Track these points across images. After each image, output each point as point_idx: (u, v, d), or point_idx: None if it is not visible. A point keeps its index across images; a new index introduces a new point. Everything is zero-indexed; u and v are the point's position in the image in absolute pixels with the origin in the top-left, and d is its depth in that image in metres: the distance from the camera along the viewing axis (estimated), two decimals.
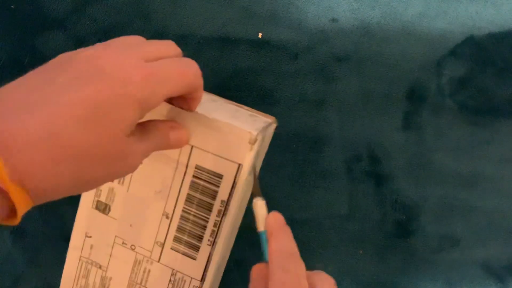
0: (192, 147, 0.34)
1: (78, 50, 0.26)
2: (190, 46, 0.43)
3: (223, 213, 0.34)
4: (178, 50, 0.31)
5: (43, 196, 0.23)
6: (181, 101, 0.32)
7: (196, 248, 0.36)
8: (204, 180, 0.34)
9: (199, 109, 0.33)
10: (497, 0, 0.42)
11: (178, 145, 0.32)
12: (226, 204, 0.34)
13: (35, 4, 0.43)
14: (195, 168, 0.34)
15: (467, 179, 0.43)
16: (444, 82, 0.43)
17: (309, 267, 0.43)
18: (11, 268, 0.46)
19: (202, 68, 0.43)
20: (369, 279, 0.43)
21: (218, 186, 0.34)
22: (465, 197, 0.43)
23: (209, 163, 0.34)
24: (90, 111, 0.23)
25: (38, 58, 0.43)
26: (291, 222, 0.43)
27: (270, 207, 0.43)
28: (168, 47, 0.30)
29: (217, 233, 0.35)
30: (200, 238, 0.36)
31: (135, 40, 0.29)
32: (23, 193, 0.22)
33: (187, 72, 0.29)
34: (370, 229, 0.43)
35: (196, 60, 0.43)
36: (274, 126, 0.38)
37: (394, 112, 0.42)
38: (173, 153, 0.34)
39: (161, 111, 0.33)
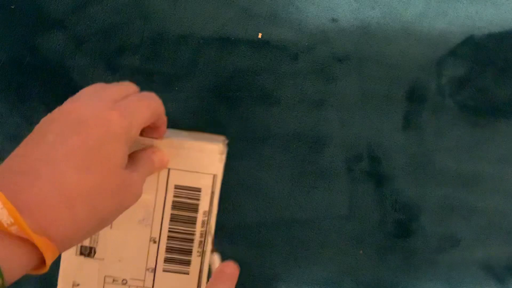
0: (169, 170, 0.37)
1: (55, 111, 0.30)
2: (190, 46, 0.43)
3: (207, 222, 0.37)
4: (136, 87, 0.35)
5: (67, 241, 0.26)
6: (149, 131, 0.36)
7: (187, 263, 0.37)
8: (185, 197, 0.37)
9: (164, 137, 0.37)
10: (497, 0, 0.42)
11: (161, 166, 0.36)
12: (209, 213, 0.37)
13: (35, 4, 0.43)
14: (175, 188, 0.37)
15: (467, 179, 0.43)
16: (444, 82, 0.43)
17: (309, 267, 0.43)
18: None
19: (202, 68, 0.43)
20: (369, 279, 0.43)
21: (198, 199, 0.37)
22: (465, 197, 0.43)
23: (187, 181, 0.37)
24: (85, 157, 0.27)
25: (38, 58, 0.43)
26: (291, 222, 0.43)
27: (270, 207, 0.43)
28: (128, 86, 0.34)
29: (204, 242, 0.37)
30: (189, 252, 0.37)
31: (99, 87, 0.32)
32: (49, 242, 0.24)
33: (152, 103, 0.33)
34: (370, 229, 0.43)
35: (196, 60, 0.43)
36: (226, 143, 0.41)
37: (394, 112, 0.42)
38: (151, 180, 0.36)
39: (137, 144, 0.36)
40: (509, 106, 0.43)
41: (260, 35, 0.42)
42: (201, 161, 0.37)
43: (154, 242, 0.37)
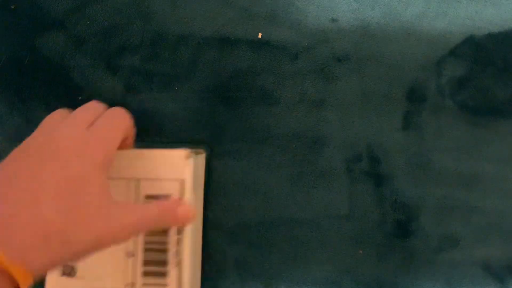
0: (139, 180, 0.36)
1: (30, 141, 0.30)
2: (190, 46, 0.43)
3: (181, 230, 0.36)
4: (103, 105, 0.35)
5: (41, 269, 0.26)
6: (121, 144, 0.35)
7: (165, 274, 0.36)
8: None
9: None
10: (497, 0, 0.42)
11: (185, 221, 0.34)
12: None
13: (35, 4, 0.43)
14: (145, 198, 0.36)
15: (467, 179, 0.43)
16: (444, 82, 0.43)
17: (309, 267, 0.43)
18: None
19: (202, 68, 0.43)
20: (369, 279, 0.43)
21: None
22: (465, 197, 0.43)
23: (156, 189, 0.36)
24: (64, 190, 0.26)
25: (38, 58, 0.43)
26: (291, 222, 0.43)
27: (270, 207, 0.43)
28: (96, 108, 0.34)
29: (180, 252, 0.36)
30: (165, 263, 0.36)
31: (65, 114, 0.32)
32: (23, 270, 0.24)
33: (122, 121, 0.33)
34: (370, 229, 0.43)
35: (196, 61, 0.43)
36: (204, 155, 0.41)
37: (394, 112, 0.43)
38: (122, 192, 0.36)
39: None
40: (509, 106, 0.43)
41: (260, 35, 0.42)
42: (168, 168, 0.36)
43: (130, 256, 0.36)
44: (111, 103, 0.43)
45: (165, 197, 0.36)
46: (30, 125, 0.43)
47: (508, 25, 0.43)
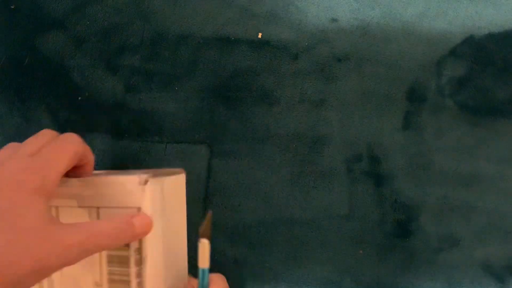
0: (98, 208, 0.34)
1: None
2: (190, 46, 0.43)
3: (141, 261, 0.34)
4: (53, 133, 0.33)
5: None
6: (77, 171, 0.34)
7: None
8: None
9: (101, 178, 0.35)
10: (497, 0, 0.42)
11: (143, 231, 0.32)
12: (141, 250, 0.34)
13: (35, 4, 0.43)
14: None
15: (467, 179, 0.43)
16: (444, 82, 0.43)
17: (309, 267, 0.43)
18: None
19: (202, 68, 0.43)
20: (369, 279, 0.43)
21: None
22: (465, 197, 0.43)
23: None
24: None
25: (38, 58, 0.43)
26: (291, 222, 0.43)
27: (270, 207, 0.43)
28: (43, 135, 0.32)
29: (143, 284, 0.34)
30: None
31: (12, 147, 0.32)
32: None
33: (68, 146, 0.31)
34: (370, 229, 0.43)
35: (196, 60, 0.43)
36: (182, 175, 0.39)
37: (394, 112, 0.42)
38: (83, 220, 0.35)
39: (64, 186, 0.34)
40: (509, 106, 0.43)
41: (260, 35, 0.42)
42: (125, 196, 0.34)
43: (98, 286, 0.35)
44: (111, 103, 0.43)
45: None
46: (29, 125, 0.43)
47: (508, 25, 0.43)
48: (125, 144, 0.43)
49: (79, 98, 0.43)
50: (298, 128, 0.43)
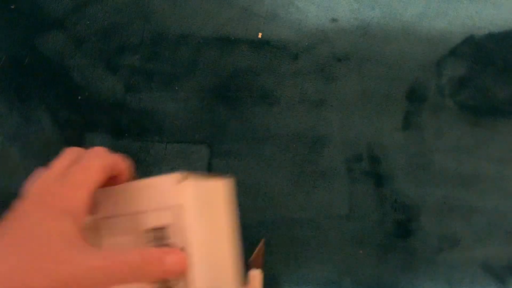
0: (136, 213, 0.33)
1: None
2: (190, 46, 0.43)
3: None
4: (78, 150, 0.33)
5: None
6: (113, 182, 0.33)
7: None
8: (156, 239, 0.32)
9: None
10: (497, 0, 0.42)
11: (177, 269, 0.30)
12: (189, 250, 0.31)
13: (35, 4, 0.43)
14: (145, 233, 0.33)
15: (467, 179, 0.43)
16: (444, 82, 0.43)
17: (309, 266, 0.43)
18: None
19: (202, 68, 0.43)
20: (369, 279, 0.43)
21: (169, 238, 0.32)
22: (465, 197, 0.43)
23: (153, 221, 0.32)
24: (20, 242, 0.26)
25: (38, 58, 0.43)
26: (291, 222, 0.43)
27: (270, 207, 0.43)
28: (68, 155, 0.32)
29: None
30: None
31: (38, 173, 0.31)
32: None
33: (93, 163, 0.31)
34: (370, 229, 0.43)
35: (196, 60, 0.43)
36: (228, 182, 0.36)
37: (394, 112, 0.42)
38: (124, 230, 0.33)
39: (100, 195, 0.33)
40: (509, 106, 0.43)
41: (260, 35, 0.42)
42: (164, 195, 0.32)
43: None
44: (111, 103, 0.43)
45: (166, 245, 0.31)
46: (29, 124, 0.43)
47: (508, 25, 0.43)
48: (125, 143, 0.43)
49: (79, 97, 0.43)
50: (298, 128, 0.43)
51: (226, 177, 0.35)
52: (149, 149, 0.43)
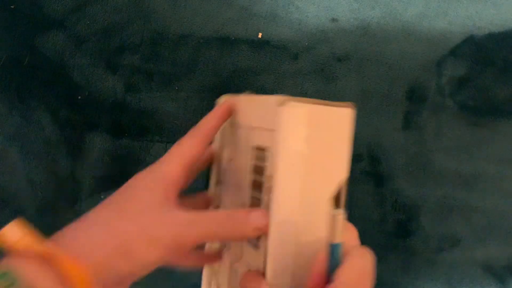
0: (252, 129, 0.33)
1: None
2: (190, 46, 0.43)
3: (271, 190, 0.30)
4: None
5: (97, 267, 0.28)
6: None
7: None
8: (258, 159, 0.32)
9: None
10: (497, 0, 0.42)
11: (255, 229, 0.30)
12: (271, 179, 0.30)
13: (35, 4, 0.43)
14: (254, 149, 0.33)
15: (467, 179, 0.43)
16: (444, 82, 0.43)
17: None
18: None
19: (202, 68, 0.43)
20: None
21: (265, 161, 0.31)
22: (465, 197, 0.43)
23: (260, 140, 0.32)
24: (129, 208, 0.30)
25: (38, 58, 0.43)
26: None
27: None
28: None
29: (268, 212, 0.30)
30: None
31: None
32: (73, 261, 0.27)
33: (185, 141, 0.34)
34: (370, 229, 0.43)
35: (196, 60, 0.43)
36: (348, 111, 0.32)
37: (394, 112, 0.42)
38: (244, 141, 0.34)
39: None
40: (509, 106, 0.43)
41: (260, 35, 0.42)
42: (268, 117, 0.31)
43: (243, 206, 0.34)
44: (111, 102, 0.43)
45: (263, 167, 0.31)
46: (29, 124, 0.43)
47: (508, 25, 0.43)
48: (126, 143, 0.43)
49: (79, 97, 0.43)
50: None
51: (345, 104, 0.32)
52: (150, 149, 0.43)
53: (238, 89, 0.43)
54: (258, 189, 0.32)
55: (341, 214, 0.27)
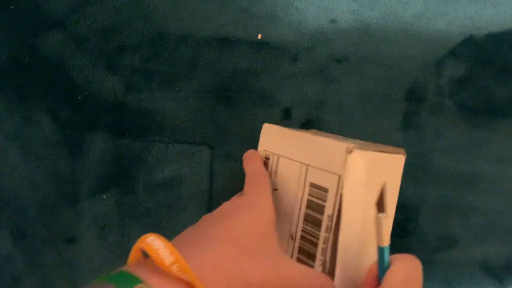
0: (307, 166, 0.35)
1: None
2: (190, 47, 0.43)
3: (330, 228, 0.33)
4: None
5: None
6: None
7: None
8: (316, 197, 0.35)
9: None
10: (496, 0, 0.42)
11: None
12: (333, 219, 0.33)
13: (35, 4, 0.43)
14: (310, 186, 0.35)
15: (466, 179, 0.43)
16: (443, 83, 0.43)
17: None
18: (11, 269, 0.46)
19: (202, 68, 0.43)
20: None
21: (325, 201, 0.34)
22: (463, 197, 0.43)
23: (318, 179, 0.34)
24: (240, 235, 0.29)
25: (38, 58, 0.43)
26: None
27: None
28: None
29: (326, 251, 0.33)
30: (313, 257, 0.34)
31: None
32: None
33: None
34: None
35: (196, 60, 0.43)
36: (400, 156, 0.36)
37: (394, 113, 0.43)
38: (294, 171, 0.36)
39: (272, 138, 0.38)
40: (509, 106, 0.43)
41: (259, 36, 0.42)
42: (330, 160, 0.33)
43: (292, 238, 0.36)
44: (111, 102, 0.43)
45: (321, 206, 0.34)
46: (29, 124, 0.43)
47: (507, 25, 0.43)
48: (126, 143, 0.43)
49: (79, 97, 0.43)
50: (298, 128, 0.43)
51: (399, 150, 0.35)
52: (150, 148, 0.43)
53: (237, 90, 0.43)
54: (311, 223, 0.34)
55: (385, 217, 0.29)
